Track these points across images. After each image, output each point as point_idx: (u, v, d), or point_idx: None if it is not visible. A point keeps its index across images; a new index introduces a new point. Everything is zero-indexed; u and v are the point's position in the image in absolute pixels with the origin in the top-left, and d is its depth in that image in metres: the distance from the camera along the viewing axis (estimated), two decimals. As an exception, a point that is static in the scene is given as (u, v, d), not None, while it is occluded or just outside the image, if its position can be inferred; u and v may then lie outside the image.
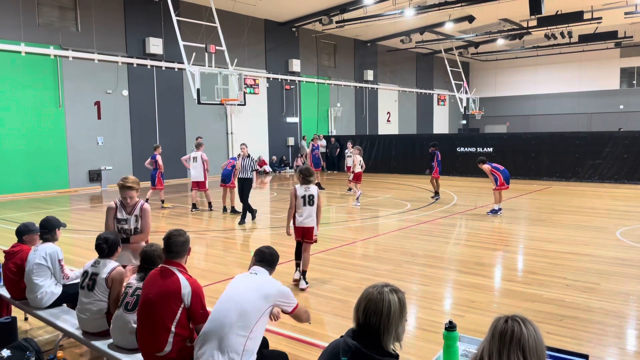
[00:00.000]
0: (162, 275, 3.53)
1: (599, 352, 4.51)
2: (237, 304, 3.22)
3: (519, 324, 1.92)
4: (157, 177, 13.66)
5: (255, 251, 3.81)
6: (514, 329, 1.90)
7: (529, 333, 1.89)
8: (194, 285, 3.48)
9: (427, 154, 22.39)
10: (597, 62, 34.67)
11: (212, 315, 3.31)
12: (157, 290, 3.47)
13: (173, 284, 3.46)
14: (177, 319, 3.42)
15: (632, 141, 17.75)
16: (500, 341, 1.90)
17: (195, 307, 3.45)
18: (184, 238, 3.65)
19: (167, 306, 3.41)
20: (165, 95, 20.73)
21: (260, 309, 3.26)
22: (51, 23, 17.70)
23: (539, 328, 1.97)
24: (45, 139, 17.42)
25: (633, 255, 7.90)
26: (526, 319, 1.94)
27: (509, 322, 1.93)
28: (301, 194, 6.57)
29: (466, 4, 20.41)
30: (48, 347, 4.71)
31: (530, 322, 1.93)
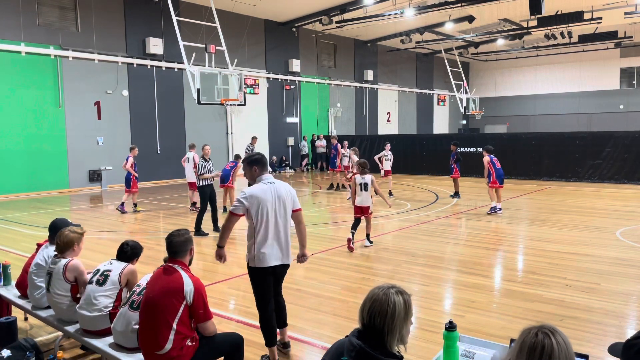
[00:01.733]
0: (165, 273, 3.56)
1: (599, 352, 4.51)
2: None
3: (549, 337, 1.84)
4: (133, 180, 13.20)
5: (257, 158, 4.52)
6: (545, 344, 1.84)
7: (559, 348, 1.83)
8: (196, 283, 3.51)
9: (426, 154, 22.57)
10: (597, 62, 34.67)
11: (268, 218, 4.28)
12: (160, 288, 3.49)
13: (176, 281, 3.49)
14: (179, 317, 3.43)
15: (632, 141, 17.75)
16: (530, 356, 1.85)
17: (198, 304, 3.47)
18: (184, 237, 3.68)
19: (169, 303, 3.42)
20: (165, 95, 20.73)
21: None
22: (51, 23, 17.70)
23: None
24: (45, 139, 17.42)
25: (633, 255, 7.90)
26: (556, 330, 1.87)
27: (539, 335, 1.86)
28: (359, 182, 8.60)
29: (466, 4, 20.41)
30: (48, 347, 4.71)
31: (560, 334, 1.87)
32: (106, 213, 13.60)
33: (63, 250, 4.45)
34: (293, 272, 7.31)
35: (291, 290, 6.44)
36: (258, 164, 4.49)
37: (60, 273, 4.31)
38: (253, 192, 4.34)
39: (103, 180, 18.84)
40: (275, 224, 4.38)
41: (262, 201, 4.33)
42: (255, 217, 4.32)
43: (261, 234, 4.33)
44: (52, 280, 4.36)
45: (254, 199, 4.32)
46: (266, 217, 4.34)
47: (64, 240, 4.43)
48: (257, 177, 4.49)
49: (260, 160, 4.51)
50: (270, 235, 4.36)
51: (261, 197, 4.33)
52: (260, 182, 4.45)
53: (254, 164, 4.49)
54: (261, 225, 4.33)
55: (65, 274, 4.30)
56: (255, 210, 4.31)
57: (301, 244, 4.66)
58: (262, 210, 4.32)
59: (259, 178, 4.48)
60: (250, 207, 4.31)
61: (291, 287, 6.58)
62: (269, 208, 4.35)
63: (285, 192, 4.46)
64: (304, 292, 6.35)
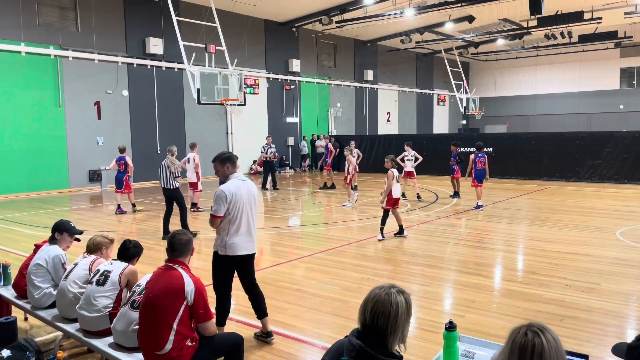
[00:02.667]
0: (166, 273, 3.56)
1: (599, 352, 4.51)
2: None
3: (539, 336, 1.86)
4: (126, 180, 13.20)
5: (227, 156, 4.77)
6: (535, 343, 1.84)
7: (549, 346, 1.84)
8: (197, 284, 3.51)
9: (426, 154, 22.49)
10: (597, 62, 34.68)
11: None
12: (161, 288, 3.49)
13: (176, 281, 3.48)
14: (180, 317, 3.43)
15: (632, 141, 17.75)
16: (521, 356, 1.85)
17: (198, 304, 3.47)
18: (187, 237, 3.70)
19: (169, 303, 3.42)
20: (165, 95, 20.73)
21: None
22: (51, 23, 17.70)
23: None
24: (45, 139, 17.43)
25: (633, 255, 7.90)
26: (545, 328, 1.87)
27: (528, 334, 1.87)
28: (397, 174, 9.42)
29: (466, 4, 20.41)
30: (48, 347, 4.71)
31: (549, 332, 1.87)
32: (106, 213, 13.60)
33: (92, 252, 4.61)
34: (293, 272, 7.33)
35: (291, 290, 6.45)
36: (230, 161, 4.76)
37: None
38: (230, 190, 4.62)
39: (103, 180, 18.83)
40: (247, 218, 4.71)
41: (238, 197, 4.63)
42: (232, 211, 4.61)
43: (235, 226, 4.64)
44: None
45: (232, 196, 4.59)
46: (241, 212, 4.65)
47: (94, 242, 4.63)
48: (229, 175, 4.77)
49: (231, 158, 4.79)
50: (244, 228, 4.68)
51: (237, 193, 4.63)
52: (233, 178, 4.74)
53: (227, 162, 4.76)
54: (236, 219, 4.64)
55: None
56: (232, 206, 4.60)
57: None
58: (238, 205, 4.63)
59: (232, 175, 4.77)
60: (229, 204, 4.59)
61: (291, 287, 6.58)
62: (245, 203, 4.68)
63: (255, 190, 4.87)
64: (304, 292, 6.35)
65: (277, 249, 9.05)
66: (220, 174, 4.81)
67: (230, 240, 4.64)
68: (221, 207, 4.57)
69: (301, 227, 11.29)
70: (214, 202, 4.60)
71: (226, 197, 4.57)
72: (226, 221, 4.62)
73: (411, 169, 14.30)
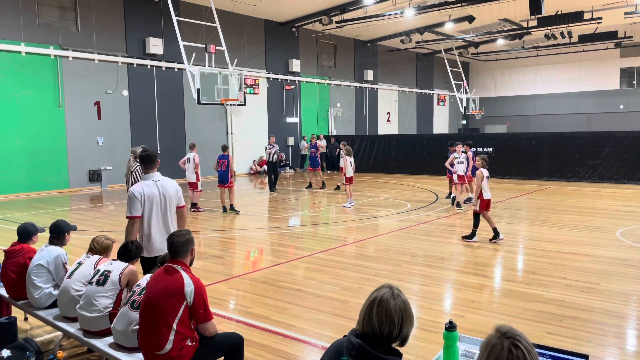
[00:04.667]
0: (166, 274, 3.56)
1: (599, 352, 4.51)
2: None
3: (517, 348, 1.80)
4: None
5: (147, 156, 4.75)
6: (518, 356, 1.80)
7: (530, 354, 1.80)
8: (197, 284, 3.50)
9: (426, 154, 22.59)
10: (597, 62, 34.68)
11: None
12: (161, 288, 3.49)
13: (176, 281, 3.48)
14: (179, 317, 3.43)
15: (632, 141, 17.74)
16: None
17: (198, 305, 3.46)
18: (185, 238, 3.67)
19: (169, 303, 3.42)
20: (165, 95, 20.73)
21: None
22: (51, 23, 17.70)
23: (530, 339, 1.86)
24: (45, 139, 17.42)
25: (633, 255, 7.90)
26: (517, 337, 1.80)
27: (505, 346, 1.81)
28: (487, 174, 8.96)
29: (466, 4, 20.41)
30: (48, 347, 4.71)
31: (523, 338, 1.82)
32: (106, 213, 13.60)
33: (98, 253, 4.63)
34: (293, 272, 7.33)
35: (291, 290, 6.45)
36: (145, 161, 4.77)
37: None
38: (142, 190, 4.62)
39: (103, 180, 18.83)
40: (159, 219, 4.69)
41: (149, 197, 4.62)
42: (144, 212, 4.61)
43: (146, 227, 4.65)
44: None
45: (142, 195, 4.60)
46: (152, 212, 4.64)
47: (100, 244, 4.65)
48: (143, 175, 4.83)
49: (145, 157, 4.77)
50: (155, 229, 4.66)
51: (148, 193, 4.63)
52: (148, 179, 4.74)
53: (141, 161, 4.80)
54: (149, 219, 4.64)
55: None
56: (144, 206, 4.61)
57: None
58: (150, 205, 4.62)
59: (146, 176, 4.78)
60: (142, 205, 4.60)
61: (291, 287, 6.58)
62: (154, 204, 4.65)
63: (172, 188, 4.80)
64: (304, 292, 6.35)
65: (277, 249, 9.05)
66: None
67: (146, 242, 4.67)
68: (134, 208, 4.58)
69: (301, 227, 11.29)
70: (127, 205, 4.67)
71: (136, 197, 4.59)
72: (141, 222, 4.65)
73: (462, 174, 12.95)
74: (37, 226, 5.22)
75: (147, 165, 4.77)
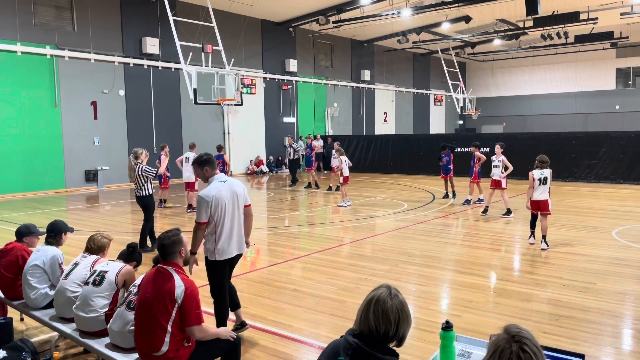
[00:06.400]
0: (157, 275, 3.53)
1: (595, 352, 4.53)
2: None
3: (524, 351, 1.80)
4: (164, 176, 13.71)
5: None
6: (519, 356, 1.80)
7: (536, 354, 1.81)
8: (188, 285, 3.46)
9: (423, 154, 22.59)
10: (593, 63, 34.78)
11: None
12: (152, 290, 3.47)
13: (167, 283, 3.45)
14: (173, 319, 3.41)
15: (628, 141, 17.81)
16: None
17: (188, 306, 3.41)
18: (172, 240, 3.60)
19: (162, 306, 3.40)
20: (161, 95, 20.70)
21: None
22: (47, 23, 17.65)
23: (536, 338, 1.86)
24: (41, 139, 17.37)
25: (629, 255, 7.92)
26: (524, 341, 1.81)
27: (513, 347, 1.81)
28: (538, 176, 8.53)
29: (463, 4, 20.43)
30: (44, 348, 4.69)
31: (530, 340, 1.83)
32: (103, 213, 13.57)
33: (95, 253, 4.58)
34: (290, 272, 7.32)
35: (288, 290, 6.44)
36: (208, 163, 4.68)
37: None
38: (212, 194, 4.50)
39: (99, 181, 18.79)
40: (232, 219, 4.62)
41: (220, 200, 4.52)
42: (215, 215, 4.52)
43: (220, 230, 4.55)
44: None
45: (213, 200, 4.49)
46: (224, 214, 4.55)
47: (96, 243, 4.59)
48: (209, 177, 4.69)
49: (209, 160, 4.70)
50: (229, 230, 4.59)
51: (218, 197, 4.52)
52: (214, 181, 4.64)
53: (205, 164, 4.67)
54: (221, 222, 4.54)
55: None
56: (215, 210, 4.50)
57: (246, 234, 4.91)
58: (221, 208, 4.53)
59: (212, 178, 4.67)
60: (212, 208, 4.48)
61: (288, 287, 6.58)
62: (227, 206, 4.57)
63: (239, 188, 4.74)
64: (300, 292, 6.34)
65: (273, 249, 9.04)
66: (201, 177, 4.77)
67: (219, 246, 4.58)
68: (203, 213, 4.48)
69: (298, 227, 11.29)
70: (196, 209, 4.56)
71: (207, 203, 4.47)
72: (212, 226, 4.54)
73: (499, 178, 11.81)
74: (34, 229, 5.17)
75: (210, 168, 4.69)
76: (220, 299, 4.74)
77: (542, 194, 8.57)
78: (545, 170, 8.64)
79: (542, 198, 8.55)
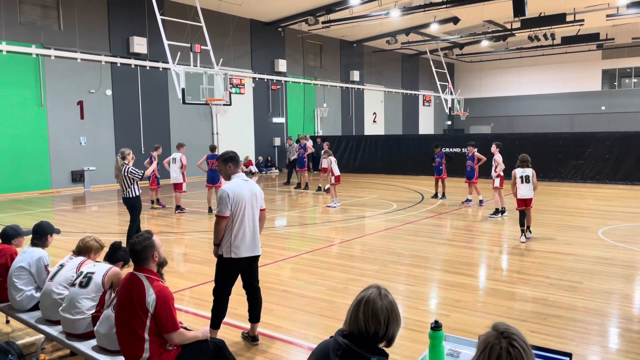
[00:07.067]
0: (130, 283, 3.45)
1: (582, 350, 4.57)
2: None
3: (514, 347, 1.82)
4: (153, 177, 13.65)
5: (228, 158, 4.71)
6: (510, 353, 1.81)
7: (525, 353, 1.82)
8: (159, 293, 3.36)
9: (412, 154, 22.68)
10: (579, 64, 35.15)
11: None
12: (125, 298, 3.41)
13: (138, 291, 3.37)
14: (149, 327, 3.34)
15: (613, 142, 18.03)
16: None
17: (160, 314, 3.33)
18: (142, 245, 3.48)
19: (135, 315, 3.33)
20: (149, 95, 20.55)
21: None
22: (33, 21, 17.44)
23: (526, 337, 1.88)
24: (27, 139, 17.15)
25: (615, 254, 8.02)
26: (513, 337, 1.83)
27: (504, 344, 1.83)
28: (519, 174, 9.07)
29: (451, 6, 20.54)
30: (30, 350, 4.64)
31: (518, 336, 1.84)
32: (89, 214, 13.44)
33: (81, 253, 4.54)
34: (279, 273, 7.30)
35: (277, 291, 6.43)
36: (232, 161, 4.68)
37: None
38: (233, 189, 4.53)
39: (86, 181, 18.60)
40: (249, 219, 4.61)
41: (240, 197, 4.55)
42: (233, 212, 4.52)
43: (237, 227, 4.54)
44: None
45: (235, 195, 4.51)
46: (243, 212, 4.56)
47: (85, 244, 4.56)
48: (231, 174, 4.69)
49: (234, 158, 4.70)
50: (246, 229, 4.58)
51: (239, 193, 4.55)
52: (236, 178, 4.66)
53: (229, 161, 4.67)
54: (238, 219, 4.54)
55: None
56: (235, 206, 4.52)
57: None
58: (240, 205, 4.54)
59: (234, 175, 4.68)
60: (232, 204, 4.50)
61: (277, 287, 6.56)
62: (247, 203, 4.58)
63: (258, 190, 4.76)
64: (290, 293, 6.33)
65: (263, 249, 8.97)
66: (223, 173, 4.78)
67: (235, 242, 4.55)
68: (225, 207, 4.48)
69: (287, 228, 11.27)
70: (217, 204, 4.57)
71: (228, 196, 4.48)
72: (229, 222, 4.54)
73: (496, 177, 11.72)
74: (20, 229, 5.12)
75: (233, 165, 4.69)
76: (219, 300, 4.68)
77: (528, 191, 9.04)
78: (527, 169, 9.09)
79: (527, 196, 9.05)
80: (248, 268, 4.78)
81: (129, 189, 8.44)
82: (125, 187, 8.43)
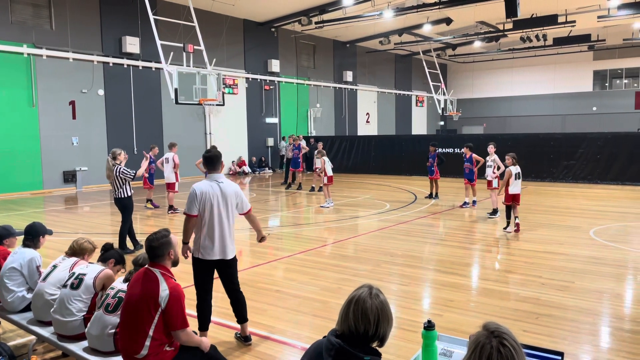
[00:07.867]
0: (144, 277, 3.48)
1: (574, 349, 4.60)
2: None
3: (505, 347, 1.83)
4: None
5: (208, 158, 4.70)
6: (505, 355, 1.82)
7: (517, 352, 1.83)
8: (173, 289, 3.41)
9: (405, 154, 22.74)
10: (571, 65, 35.39)
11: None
12: (138, 292, 3.42)
13: (152, 286, 3.41)
14: (155, 323, 3.36)
15: (604, 142, 18.16)
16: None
17: (171, 311, 3.36)
18: (160, 242, 3.55)
19: (145, 309, 3.35)
20: (142, 95, 20.46)
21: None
22: (24, 21, 17.31)
23: (517, 337, 1.89)
24: (18, 139, 17.03)
25: (606, 254, 8.07)
26: (504, 336, 1.84)
27: (494, 344, 1.84)
28: (515, 171, 9.81)
29: (444, 6, 20.62)
30: (21, 352, 4.60)
31: (509, 336, 1.85)
32: (81, 215, 13.36)
33: (75, 255, 4.52)
34: (272, 273, 7.30)
35: (270, 291, 6.42)
36: (207, 161, 4.70)
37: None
38: (202, 189, 4.51)
39: (78, 182, 18.49)
40: (218, 221, 4.53)
41: (208, 198, 4.50)
42: (201, 212, 4.49)
43: (205, 228, 4.51)
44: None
45: (200, 195, 4.48)
46: (210, 213, 4.51)
47: (79, 245, 4.55)
48: (207, 174, 4.74)
49: (211, 158, 4.67)
50: (214, 231, 4.53)
51: (207, 193, 4.50)
52: (209, 179, 4.63)
53: (205, 161, 4.72)
54: (206, 220, 4.50)
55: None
56: (202, 206, 4.48)
57: (257, 231, 5.03)
58: (207, 206, 4.49)
59: (210, 175, 4.67)
60: (199, 203, 4.47)
61: (271, 288, 6.56)
62: (216, 206, 4.52)
63: (234, 193, 4.65)
64: (283, 293, 6.33)
65: (256, 250, 9.00)
66: (205, 172, 4.88)
67: (203, 243, 4.54)
68: (191, 205, 4.47)
69: (280, 228, 11.26)
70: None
71: (195, 195, 4.47)
72: (199, 221, 4.53)
73: (490, 179, 11.78)
74: (12, 230, 5.08)
75: (210, 166, 4.68)
76: (199, 300, 4.70)
77: (518, 188, 9.90)
78: (518, 167, 9.97)
79: (517, 192, 9.91)
80: (224, 274, 4.74)
81: (120, 189, 8.40)
82: (117, 187, 8.40)
